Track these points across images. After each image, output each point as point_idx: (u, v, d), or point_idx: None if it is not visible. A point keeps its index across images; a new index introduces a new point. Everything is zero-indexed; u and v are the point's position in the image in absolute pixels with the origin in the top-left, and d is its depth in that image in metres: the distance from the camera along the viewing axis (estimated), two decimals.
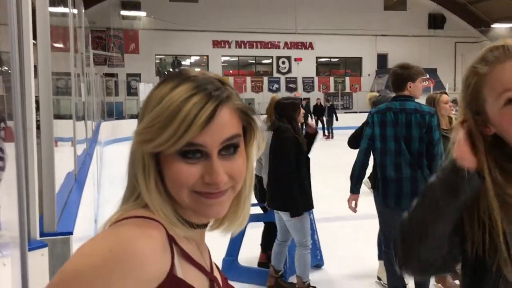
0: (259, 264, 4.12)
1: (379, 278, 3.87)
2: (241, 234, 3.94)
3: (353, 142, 4.02)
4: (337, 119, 19.43)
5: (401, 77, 3.18)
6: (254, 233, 4.11)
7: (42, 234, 1.86)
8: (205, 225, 0.77)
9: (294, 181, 3.31)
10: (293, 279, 3.76)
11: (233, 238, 3.88)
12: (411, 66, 3.24)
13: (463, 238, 1.01)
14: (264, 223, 4.13)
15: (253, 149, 0.77)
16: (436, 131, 3.05)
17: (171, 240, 0.69)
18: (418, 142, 3.06)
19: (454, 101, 15.96)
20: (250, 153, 0.77)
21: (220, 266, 3.55)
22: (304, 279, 3.49)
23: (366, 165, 3.28)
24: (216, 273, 0.82)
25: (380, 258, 3.88)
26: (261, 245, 4.23)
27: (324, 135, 18.73)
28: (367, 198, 3.95)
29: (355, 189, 3.27)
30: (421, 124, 3.05)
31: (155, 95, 0.71)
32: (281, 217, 3.51)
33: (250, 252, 4.16)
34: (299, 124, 3.53)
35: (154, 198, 0.70)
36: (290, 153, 3.37)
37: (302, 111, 3.54)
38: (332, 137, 18.97)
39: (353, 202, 3.32)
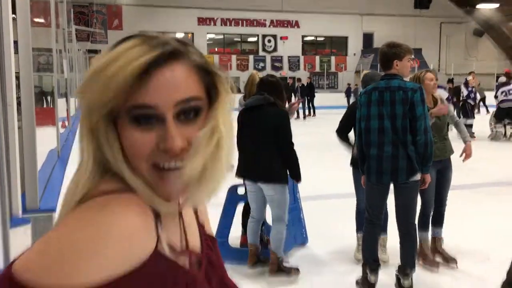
0: (241, 245, 4.16)
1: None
2: (231, 215, 3.99)
3: (341, 132, 4.04)
4: (313, 96, 18.73)
5: (388, 55, 3.18)
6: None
7: (24, 211, 1.88)
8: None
9: (292, 153, 3.43)
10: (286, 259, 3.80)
11: (222, 218, 3.95)
12: (399, 44, 3.23)
13: None
14: (244, 204, 4.15)
15: (221, 113, 0.67)
16: (418, 106, 3.05)
17: (154, 213, 0.64)
18: (402, 119, 3.08)
19: (450, 81, 15.86)
20: (218, 117, 0.66)
21: None
22: (278, 254, 3.57)
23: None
24: (194, 237, 0.76)
25: (358, 230, 3.98)
26: (243, 226, 4.25)
27: (304, 114, 18.00)
28: (348, 178, 4.03)
29: (363, 170, 3.32)
30: (404, 100, 3.07)
31: (103, 53, 0.65)
32: (258, 195, 3.54)
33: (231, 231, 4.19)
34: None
35: (124, 168, 0.64)
36: (288, 126, 3.46)
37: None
38: (314, 114, 18.66)
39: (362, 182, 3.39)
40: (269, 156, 3.40)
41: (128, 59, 0.60)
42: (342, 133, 4.00)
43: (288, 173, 3.50)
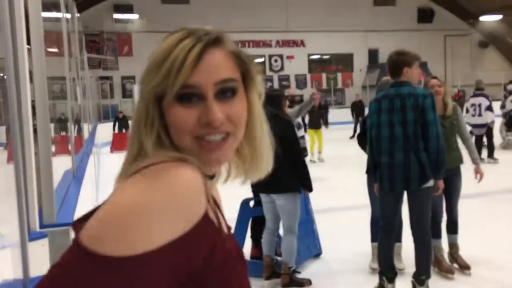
0: (252, 258, 4.18)
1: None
2: (245, 229, 4.03)
3: (361, 141, 4.08)
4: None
5: (397, 63, 3.19)
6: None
7: (42, 226, 1.96)
8: (211, 177, 0.76)
9: (300, 162, 3.51)
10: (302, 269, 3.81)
11: (236, 232, 3.98)
12: (407, 52, 3.25)
13: None
14: (252, 217, 4.19)
15: (255, 96, 0.76)
16: (429, 112, 3.04)
17: (204, 181, 0.69)
18: (413, 125, 3.07)
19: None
20: (252, 98, 0.76)
21: None
22: (289, 264, 3.57)
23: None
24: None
25: (373, 240, 3.98)
26: (252, 238, 4.28)
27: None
28: (364, 189, 4.03)
29: (375, 178, 3.33)
30: (415, 107, 3.06)
31: (155, 48, 0.73)
32: (273, 205, 3.58)
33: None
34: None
35: (155, 146, 0.70)
36: (293, 134, 3.53)
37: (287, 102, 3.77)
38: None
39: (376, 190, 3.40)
40: (278, 166, 3.44)
41: (185, 48, 0.69)
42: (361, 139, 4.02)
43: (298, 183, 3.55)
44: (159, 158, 0.68)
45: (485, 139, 9.75)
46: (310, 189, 3.58)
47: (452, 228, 3.93)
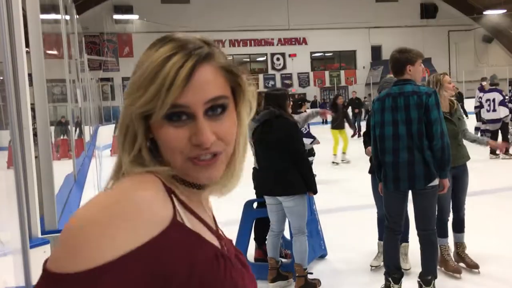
0: (256, 260, 4.15)
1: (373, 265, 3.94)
2: (248, 230, 4.00)
3: (367, 138, 4.05)
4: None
5: (400, 61, 3.15)
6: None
7: (43, 232, 1.93)
8: (202, 186, 0.76)
9: (304, 163, 3.45)
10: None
11: (240, 234, 3.95)
12: (410, 50, 3.21)
13: None
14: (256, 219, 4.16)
15: (244, 110, 0.76)
16: (433, 110, 3.00)
17: (170, 191, 0.69)
18: (417, 124, 3.03)
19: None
20: (241, 115, 0.75)
21: None
22: (304, 266, 3.54)
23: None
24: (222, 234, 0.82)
25: (380, 238, 3.94)
26: (255, 240, 4.24)
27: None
28: (368, 189, 3.99)
29: (380, 178, 3.29)
30: (418, 105, 3.02)
31: (141, 59, 0.71)
32: (278, 208, 3.55)
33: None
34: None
35: (129, 160, 0.71)
36: (299, 138, 3.49)
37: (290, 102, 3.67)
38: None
39: (380, 189, 3.36)
40: (284, 168, 3.41)
41: (175, 66, 0.66)
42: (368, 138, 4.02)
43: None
44: (128, 175, 0.70)
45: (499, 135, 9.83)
46: (315, 191, 3.54)
47: (459, 226, 3.89)
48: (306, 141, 6.09)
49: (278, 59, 26.93)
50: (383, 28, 26.90)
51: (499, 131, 9.71)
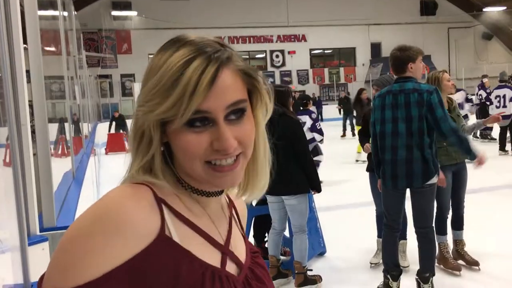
0: None
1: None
2: (247, 228, 4.00)
3: (362, 137, 4.08)
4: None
5: (402, 59, 3.14)
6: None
7: (42, 230, 1.93)
8: (219, 193, 0.75)
9: (308, 162, 3.45)
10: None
11: None
12: (410, 47, 3.20)
13: None
14: (255, 216, 4.15)
15: (260, 112, 0.75)
16: (437, 108, 2.99)
17: (160, 201, 0.68)
18: (418, 121, 3.02)
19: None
20: (258, 117, 0.74)
21: None
22: (304, 263, 3.55)
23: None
24: (238, 247, 0.77)
25: (379, 235, 3.95)
26: (254, 237, 4.24)
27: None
28: (367, 187, 3.99)
29: (379, 175, 3.29)
30: (419, 102, 3.01)
31: (155, 63, 0.68)
32: (280, 206, 3.54)
33: None
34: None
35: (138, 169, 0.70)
36: (302, 134, 3.49)
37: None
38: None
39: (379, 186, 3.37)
40: (289, 168, 3.39)
41: (197, 71, 0.64)
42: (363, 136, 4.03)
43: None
44: (125, 183, 0.71)
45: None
46: (319, 190, 3.53)
47: (458, 224, 3.89)
48: (317, 137, 6.08)
49: (277, 56, 26.88)
50: (383, 25, 26.85)
51: (508, 129, 9.64)
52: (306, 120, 6.02)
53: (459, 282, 3.62)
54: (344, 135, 14.71)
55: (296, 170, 3.40)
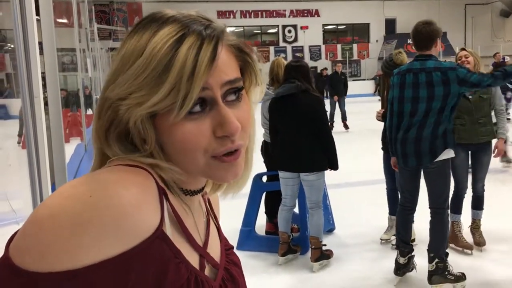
0: (267, 233, 4.19)
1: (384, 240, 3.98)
2: (257, 204, 4.02)
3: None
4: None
5: (431, 34, 2.98)
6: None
7: None
8: (199, 191, 0.67)
9: (329, 141, 3.43)
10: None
11: (248, 208, 3.98)
12: (434, 22, 3.07)
13: None
14: (266, 192, 4.16)
15: (253, 93, 0.67)
16: (470, 77, 2.88)
17: (162, 193, 0.59)
18: (442, 101, 2.93)
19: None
20: (251, 98, 0.66)
21: (236, 237, 3.49)
22: (320, 238, 3.56)
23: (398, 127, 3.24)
24: (214, 247, 0.70)
25: (390, 213, 3.99)
26: (266, 213, 4.27)
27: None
28: (375, 166, 3.99)
29: (393, 152, 3.25)
30: (445, 81, 2.91)
31: (133, 46, 0.58)
32: (295, 181, 3.54)
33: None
34: None
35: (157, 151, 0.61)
36: (324, 113, 3.47)
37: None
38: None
39: (392, 163, 3.35)
40: (309, 145, 3.38)
41: (192, 50, 0.56)
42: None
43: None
44: (118, 161, 0.59)
45: None
46: (336, 168, 3.53)
47: (476, 203, 3.88)
48: None
49: (289, 31, 26.52)
50: (398, 1, 26.26)
51: None
52: None
53: (472, 261, 3.62)
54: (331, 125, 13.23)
55: (316, 148, 3.39)
